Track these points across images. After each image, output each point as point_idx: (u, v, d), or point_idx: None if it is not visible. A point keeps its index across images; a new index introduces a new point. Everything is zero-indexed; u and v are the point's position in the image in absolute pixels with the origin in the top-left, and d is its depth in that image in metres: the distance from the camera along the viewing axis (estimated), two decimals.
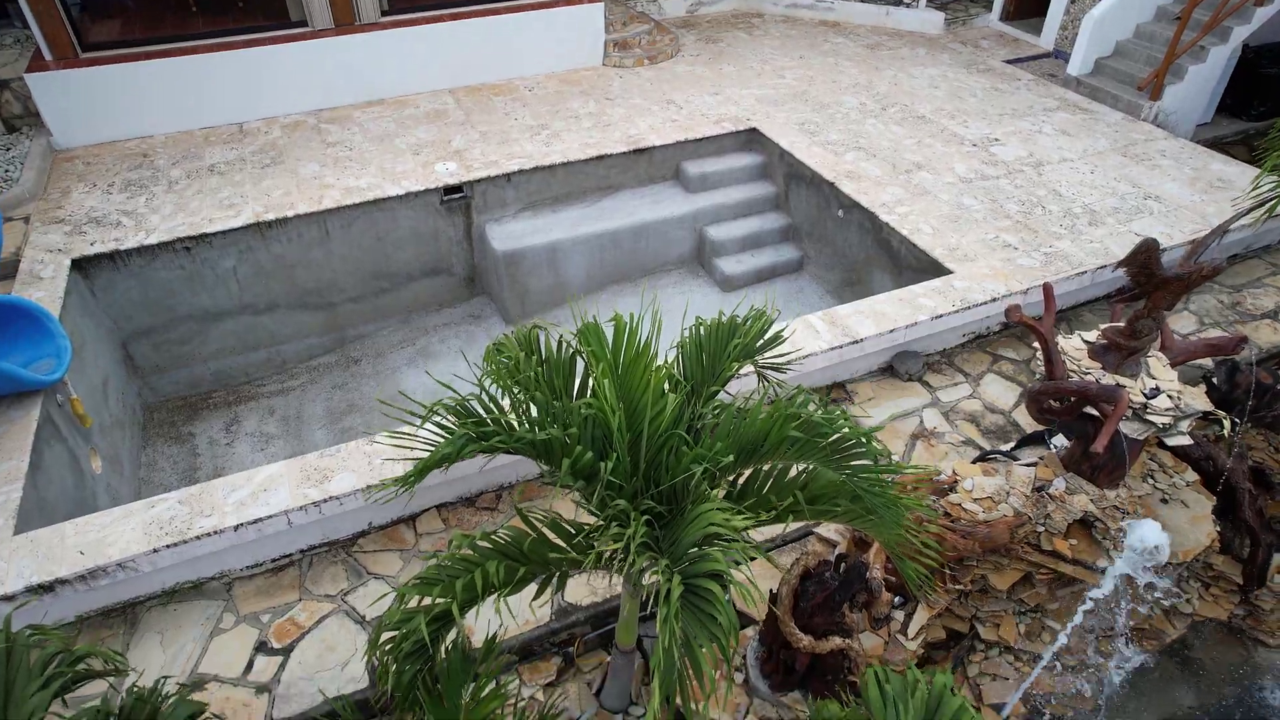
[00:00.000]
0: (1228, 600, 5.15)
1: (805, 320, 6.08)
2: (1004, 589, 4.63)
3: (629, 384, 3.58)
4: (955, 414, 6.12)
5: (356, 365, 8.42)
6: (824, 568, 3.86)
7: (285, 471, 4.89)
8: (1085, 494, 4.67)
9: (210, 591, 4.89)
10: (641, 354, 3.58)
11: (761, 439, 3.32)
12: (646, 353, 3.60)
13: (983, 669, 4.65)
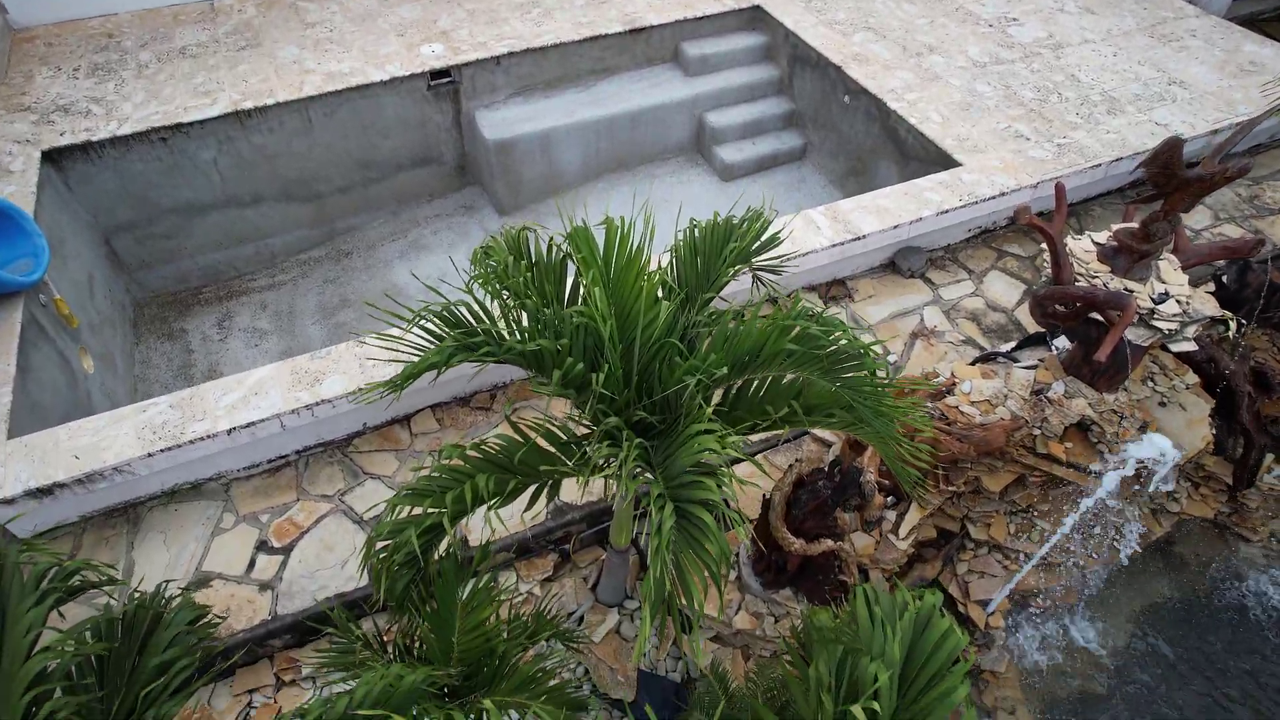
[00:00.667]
0: (1215, 500, 5.21)
1: (806, 215, 5.88)
2: (996, 491, 4.67)
3: (621, 291, 3.46)
4: (956, 312, 6.01)
5: (347, 258, 8.25)
6: (818, 475, 3.86)
7: (276, 374, 4.83)
8: (1084, 398, 4.63)
9: (209, 492, 4.93)
10: (634, 260, 3.45)
11: (757, 350, 3.23)
12: (639, 258, 3.47)
13: (971, 566, 4.75)
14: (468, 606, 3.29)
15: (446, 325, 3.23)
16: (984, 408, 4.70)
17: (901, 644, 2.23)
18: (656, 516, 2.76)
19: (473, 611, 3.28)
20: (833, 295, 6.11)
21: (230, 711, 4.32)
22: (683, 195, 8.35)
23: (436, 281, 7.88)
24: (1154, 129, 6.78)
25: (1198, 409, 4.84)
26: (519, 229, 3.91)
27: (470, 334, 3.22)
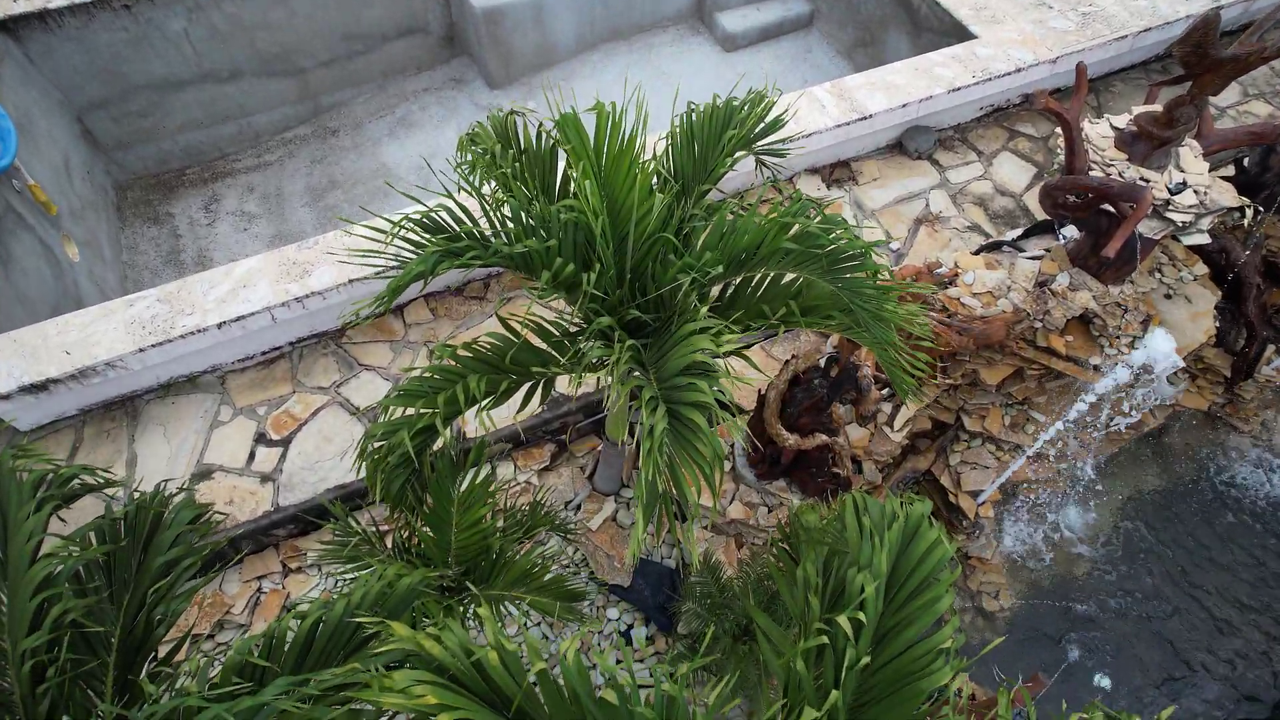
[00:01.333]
0: (1211, 391, 5.21)
1: (810, 94, 5.58)
2: (994, 384, 4.66)
3: (613, 182, 3.31)
4: (963, 196, 5.81)
5: (334, 136, 7.93)
6: (814, 373, 3.83)
7: (263, 265, 4.73)
8: (1088, 290, 4.54)
9: (205, 385, 4.93)
10: (626, 149, 3.27)
11: (754, 248, 3.12)
12: (631, 148, 3.29)
13: (964, 458, 4.80)
14: (463, 503, 3.35)
15: (428, 231, 3.09)
16: (986, 299, 4.62)
17: (889, 555, 2.26)
18: (649, 420, 2.74)
19: (469, 509, 3.33)
20: (836, 178, 5.89)
21: (241, 596, 4.49)
22: (682, 68, 7.92)
23: (427, 159, 7.63)
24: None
25: (1203, 300, 4.75)
26: (507, 113, 3.71)
27: (454, 239, 3.09)
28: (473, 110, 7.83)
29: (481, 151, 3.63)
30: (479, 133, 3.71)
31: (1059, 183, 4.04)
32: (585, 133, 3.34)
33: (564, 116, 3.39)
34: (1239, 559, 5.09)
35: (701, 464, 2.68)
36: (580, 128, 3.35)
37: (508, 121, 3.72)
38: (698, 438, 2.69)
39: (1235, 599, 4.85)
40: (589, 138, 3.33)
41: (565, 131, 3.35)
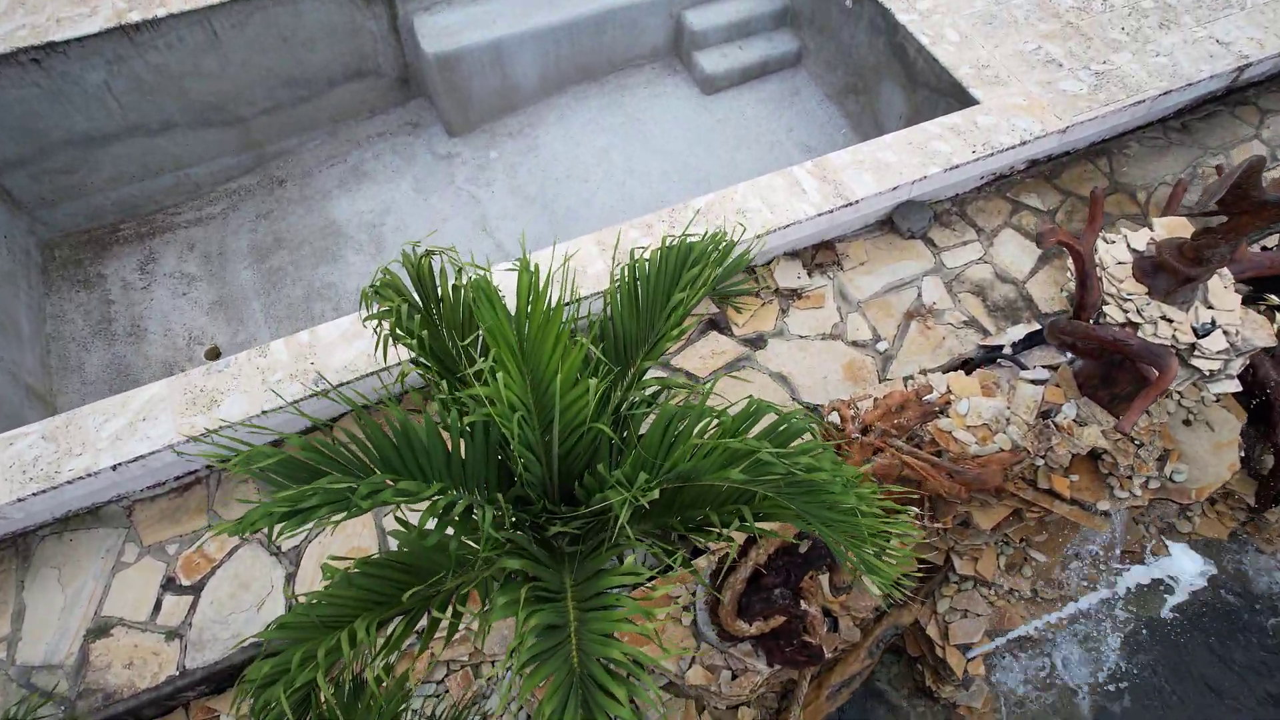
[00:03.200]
0: (1231, 518, 4.70)
1: (790, 175, 5.00)
2: (988, 528, 4.14)
3: (537, 359, 2.76)
4: (960, 284, 5.25)
5: (281, 188, 7.33)
6: (777, 560, 3.31)
7: (166, 394, 4.19)
8: (1097, 425, 4.00)
9: (108, 517, 4.42)
10: (551, 321, 2.71)
11: (694, 473, 2.59)
12: (557, 322, 2.73)
13: (954, 603, 4.31)
14: None
15: (303, 469, 2.55)
16: (981, 434, 4.09)
17: None
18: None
19: None
20: (819, 262, 5.32)
21: None
22: (657, 113, 7.30)
23: (380, 216, 7.06)
24: (1213, 49, 5.71)
25: (1227, 429, 4.22)
26: (422, 255, 3.17)
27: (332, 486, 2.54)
28: (430, 161, 7.23)
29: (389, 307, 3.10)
30: (385, 286, 3.18)
31: (1067, 329, 3.49)
32: (503, 306, 2.78)
33: (477, 283, 2.82)
34: (1258, 696, 4.61)
35: None
36: (495, 298, 2.79)
37: (422, 267, 3.19)
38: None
39: None
40: (507, 311, 2.77)
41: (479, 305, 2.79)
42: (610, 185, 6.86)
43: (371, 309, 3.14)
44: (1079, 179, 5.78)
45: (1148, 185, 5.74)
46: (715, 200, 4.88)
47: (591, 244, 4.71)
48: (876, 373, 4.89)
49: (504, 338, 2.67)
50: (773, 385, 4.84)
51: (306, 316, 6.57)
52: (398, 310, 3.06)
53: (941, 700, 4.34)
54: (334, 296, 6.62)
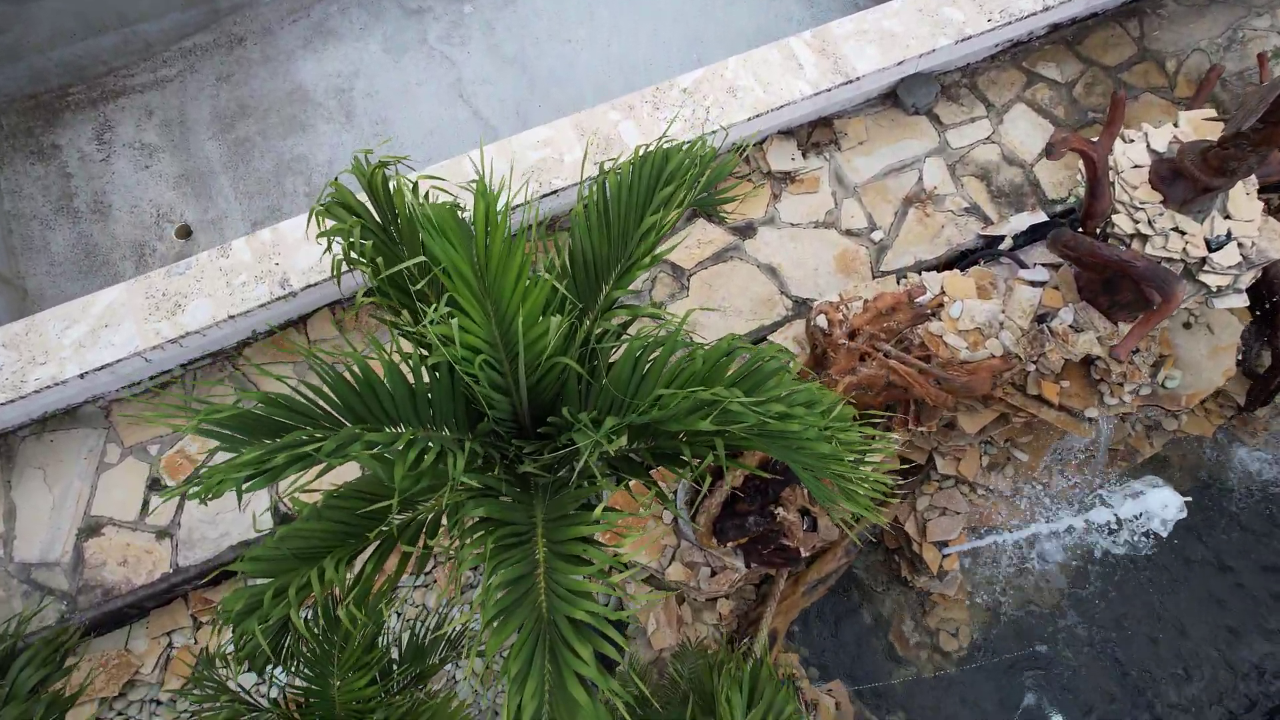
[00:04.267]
0: (1219, 416, 4.66)
1: (786, 47, 4.56)
2: (973, 432, 4.11)
3: (499, 291, 2.61)
4: (964, 166, 4.94)
5: (241, 46, 6.78)
6: (753, 479, 3.28)
7: (126, 300, 4.02)
8: (1094, 331, 3.88)
9: (86, 418, 4.39)
10: (513, 254, 2.53)
11: (664, 421, 2.49)
12: (519, 255, 2.55)
13: (934, 501, 4.35)
14: (344, 668, 2.95)
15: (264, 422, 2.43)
16: (973, 339, 3.97)
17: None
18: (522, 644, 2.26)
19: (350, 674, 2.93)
20: (815, 142, 4.98)
21: (150, 654, 4.21)
22: None
23: (349, 80, 6.57)
24: None
25: (1228, 332, 4.10)
26: (374, 165, 2.94)
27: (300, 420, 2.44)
28: (399, 16, 6.63)
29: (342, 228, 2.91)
30: (334, 201, 2.96)
31: (1071, 243, 3.28)
32: (460, 234, 2.57)
33: (436, 210, 2.59)
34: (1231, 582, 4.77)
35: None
36: (452, 223, 2.57)
37: (374, 179, 2.96)
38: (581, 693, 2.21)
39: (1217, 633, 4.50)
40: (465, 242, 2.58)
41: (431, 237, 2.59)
42: (595, 47, 6.32)
43: (324, 225, 2.93)
44: (1104, 45, 5.30)
45: (1180, 52, 5.27)
46: (704, 78, 4.48)
47: (569, 128, 4.37)
48: (870, 264, 4.70)
49: (462, 276, 2.49)
50: (761, 277, 4.66)
51: (278, 192, 6.26)
52: (349, 233, 2.86)
53: (916, 588, 4.50)
54: (305, 170, 6.28)
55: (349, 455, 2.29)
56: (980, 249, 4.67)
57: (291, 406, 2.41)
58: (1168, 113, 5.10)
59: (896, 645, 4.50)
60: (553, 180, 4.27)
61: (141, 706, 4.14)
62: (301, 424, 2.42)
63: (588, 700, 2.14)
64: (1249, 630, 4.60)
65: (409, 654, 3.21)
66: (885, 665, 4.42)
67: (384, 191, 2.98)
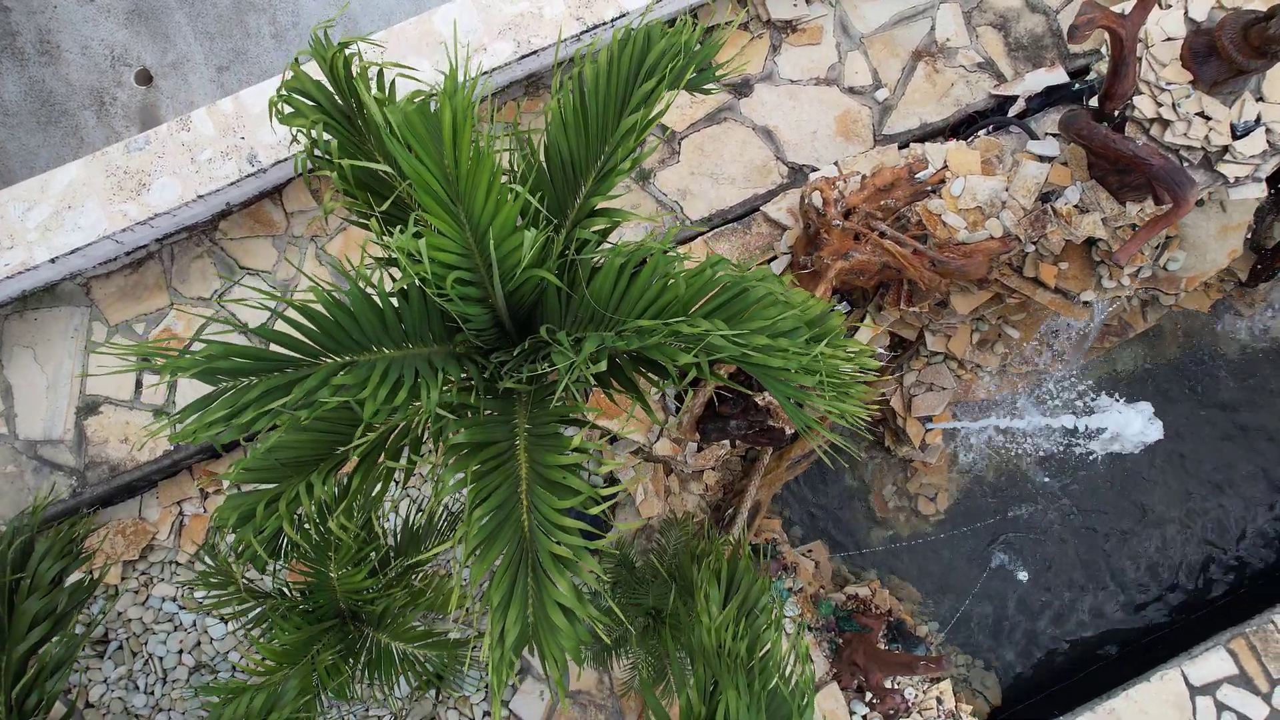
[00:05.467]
0: (1218, 290, 4.56)
1: None
2: (965, 312, 4.06)
3: (470, 204, 2.51)
4: (981, 14, 4.51)
5: None
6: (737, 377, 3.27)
7: (86, 179, 3.83)
8: (1100, 212, 3.73)
9: (67, 295, 4.33)
10: (483, 164, 2.40)
11: (645, 349, 2.44)
12: (489, 166, 2.42)
13: (921, 376, 4.37)
14: (341, 562, 3.09)
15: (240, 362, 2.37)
16: (973, 218, 3.82)
17: None
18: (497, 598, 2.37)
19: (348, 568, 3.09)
20: None
21: (164, 522, 4.42)
22: None
23: None
24: None
25: (1241, 210, 3.92)
26: (334, 50, 2.71)
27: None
28: None
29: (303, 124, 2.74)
30: (294, 90, 2.75)
31: (1085, 130, 3.05)
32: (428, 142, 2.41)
33: (405, 113, 2.39)
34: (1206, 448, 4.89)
35: (564, 646, 2.36)
36: (419, 128, 2.40)
37: (336, 63, 2.75)
38: (561, 620, 2.34)
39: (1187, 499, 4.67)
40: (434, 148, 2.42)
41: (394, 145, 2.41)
42: None
43: (282, 111, 2.74)
44: None
45: None
46: None
47: None
48: (872, 127, 4.42)
49: (430, 190, 2.35)
50: (756, 141, 4.40)
51: (241, 31, 5.79)
52: (310, 130, 2.68)
53: (898, 456, 4.63)
54: (268, 8, 5.76)
55: (317, 404, 2.27)
56: (991, 111, 4.37)
57: (258, 356, 2.35)
58: None
59: (876, 508, 4.72)
60: (531, 38, 3.91)
61: (163, 568, 4.41)
62: (269, 368, 2.37)
63: (567, 625, 2.26)
64: (1227, 487, 4.76)
65: (404, 543, 3.36)
66: (865, 526, 4.66)
67: (346, 78, 2.74)
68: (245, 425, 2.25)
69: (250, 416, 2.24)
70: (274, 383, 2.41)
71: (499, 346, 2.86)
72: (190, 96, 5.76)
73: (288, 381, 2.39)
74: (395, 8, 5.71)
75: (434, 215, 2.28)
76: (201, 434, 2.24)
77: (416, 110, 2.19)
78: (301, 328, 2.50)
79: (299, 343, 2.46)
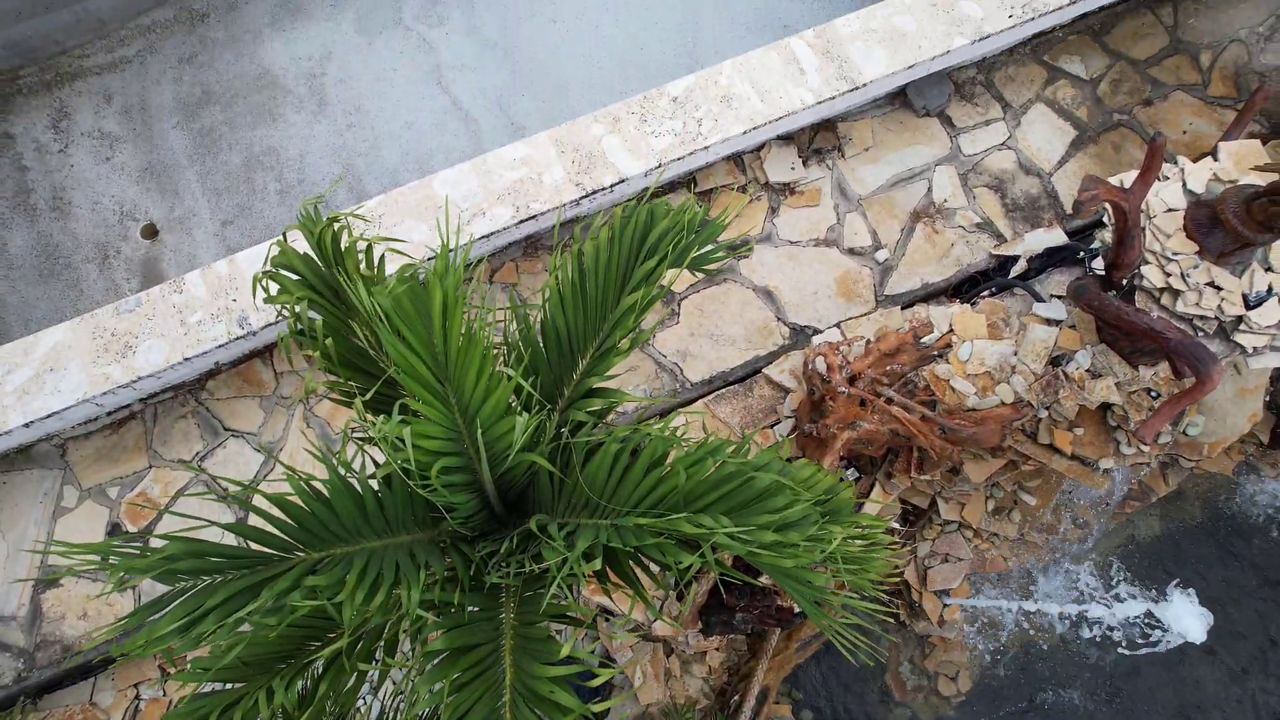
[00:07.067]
0: (1239, 453, 4.40)
1: (786, 50, 4.16)
2: (980, 480, 3.86)
3: (459, 389, 2.35)
4: (977, 175, 4.58)
5: (204, 24, 6.31)
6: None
7: (73, 342, 3.74)
8: (1113, 376, 3.60)
9: (41, 457, 4.15)
10: (474, 345, 2.26)
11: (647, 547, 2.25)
12: (481, 345, 2.28)
13: (935, 547, 4.13)
14: None
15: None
16: (982, 383, 3.69)
17: None
18: None
19: None
20: (816, 149, 4.61)
21: (117, 708, 4.05)
22: None
23: (320, 64, 6.13)
24: None
25: (1255, 374, 3.81)
26: (323, 224, 2.64)
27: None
28: None
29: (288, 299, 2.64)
30: (281, 265, 2.67)
31: (1096, 302, 2.98)
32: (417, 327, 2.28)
33: (395, 289, 2.27)
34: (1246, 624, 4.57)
35: None
36: (408, 305, 2.27)
37: (324, 237, 2.67)
38: None
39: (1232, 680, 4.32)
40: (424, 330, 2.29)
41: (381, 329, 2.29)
42: (583, 28, 5.87)
43: (268, 289, 2.65)
44: (1134, 35, 4.87)
45: (1216, 43, 4.84)
46: (695, 86, 4.09)
47: (548, 144, 4.01)
48: (874, 288, 4.38)
49: (418, 376, 2.22)
50: (757, 302, 4.36)
51: (248, 188, 5.89)
52: (294, 307, 2.58)
53: (915, 631, 4.32)
54: (275, 165, 5.90)
55: (288, 609, 2.05)
56: (992, 270, 4.35)
57: (222, 554, 2.15)
58: (1199, 113, 4.72)
59: (893, 688, 4.35)
60: (530, 203, 3.93)
61: None
62: (235, 565, 2.17)
63: None
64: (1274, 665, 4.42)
65: None
66: (882, 709, 4.28)
67: (334, 252, 2.68)
68: (205, 632, 2.02)
69: (210, 626, 2.01)
70: (240, 584, 2.20)
71: (487, 533, 2.66)
72: (193, 250, 5.80)
73: (256, 582, 2.18)
74: (399, 165, 5.84)
75: (421, 399, 2.14)
76: (151, 647, 2.00)
77: (406, 292, 2.09)
78: (274, 520, 2.32)
79: (271, 537, 2.27)
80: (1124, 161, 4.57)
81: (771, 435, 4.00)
